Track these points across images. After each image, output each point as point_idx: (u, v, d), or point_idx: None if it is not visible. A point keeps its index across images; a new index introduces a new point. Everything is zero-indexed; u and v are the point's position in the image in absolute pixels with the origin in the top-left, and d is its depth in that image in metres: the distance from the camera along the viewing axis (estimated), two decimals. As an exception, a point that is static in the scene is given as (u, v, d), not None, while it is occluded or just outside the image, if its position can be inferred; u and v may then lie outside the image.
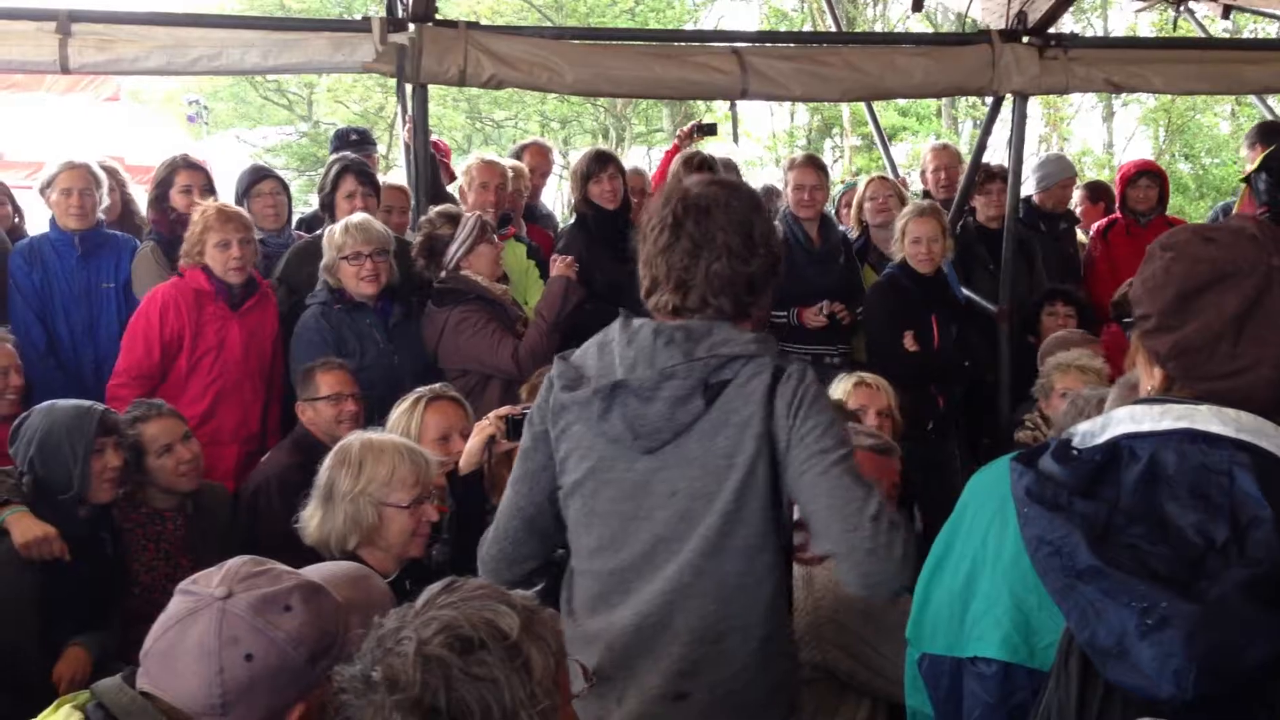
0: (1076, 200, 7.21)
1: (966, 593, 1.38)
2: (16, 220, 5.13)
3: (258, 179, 5.05)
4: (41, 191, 4.68)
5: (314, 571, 1.78)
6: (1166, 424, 1.29)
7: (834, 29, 8.79)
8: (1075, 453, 1.34)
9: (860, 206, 5.92)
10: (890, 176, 6.31)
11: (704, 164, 5.11)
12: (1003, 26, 5.53)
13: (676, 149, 6.23)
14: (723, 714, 2.13)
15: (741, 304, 2.18)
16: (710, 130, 6.49)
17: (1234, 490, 1.20)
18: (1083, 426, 1.38)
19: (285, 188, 5.17)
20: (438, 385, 3.61)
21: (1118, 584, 1.18)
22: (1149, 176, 6.36)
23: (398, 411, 3.51)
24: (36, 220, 5.14)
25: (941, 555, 1.46)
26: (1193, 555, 1.18)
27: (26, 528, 3.12)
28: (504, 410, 3.33)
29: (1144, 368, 1.43)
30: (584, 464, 2.21)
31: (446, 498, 3.19)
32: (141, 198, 5.20)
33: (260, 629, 1.59)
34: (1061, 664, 1.23)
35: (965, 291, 5.49)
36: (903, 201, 5.69)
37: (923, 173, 6.51)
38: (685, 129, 6.39)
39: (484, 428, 3.24)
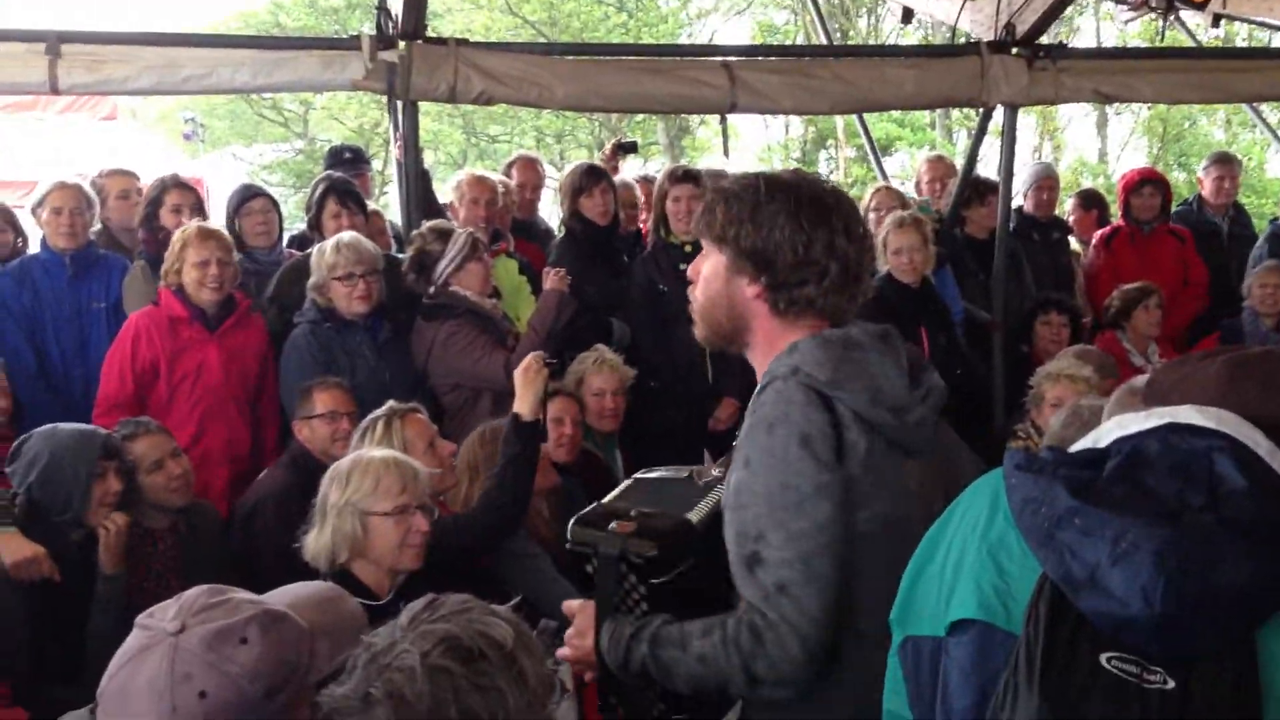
0: (1069, 209, 7.23)
1: (956, 574, 1.40)
2: (19, 244, 5.06)
3: (248, 197, 5.01)
4: (33, 211, 4.70)
5: (280, 595, 1.74)
6: (1152, 423, 1.37)
7: (825, 42, 8.79)
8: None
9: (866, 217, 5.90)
10: (893, 187, 6.28)
11: (688, 175, 5.12)
12: (992, 38, 5.55)
13: None
14: None
15: None
16: (630, 148, 6.56)
17: (1213, 472, 1.27)
18: (1081, 441, 1.44)
19: (276, 206, 5.13)
20: (391, 404, 3.57)
21: (1094, 519, 1.23)
22: (1152, 185, 6.35)
23: (374, 438, 3.43)
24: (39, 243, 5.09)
25: (933, 543, 1.49)
26: (1171, 509, 1.25)
27: (16, 548, 3.12)
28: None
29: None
30: None
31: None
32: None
33: (214, 664, 1.53)
34: (1032, 605, 1.28)
35: (963, 303, 5.50)
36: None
37: (917, 184, 6.53)
38: (607, 149, 6.43)
39: (528, 365, 3.34)
